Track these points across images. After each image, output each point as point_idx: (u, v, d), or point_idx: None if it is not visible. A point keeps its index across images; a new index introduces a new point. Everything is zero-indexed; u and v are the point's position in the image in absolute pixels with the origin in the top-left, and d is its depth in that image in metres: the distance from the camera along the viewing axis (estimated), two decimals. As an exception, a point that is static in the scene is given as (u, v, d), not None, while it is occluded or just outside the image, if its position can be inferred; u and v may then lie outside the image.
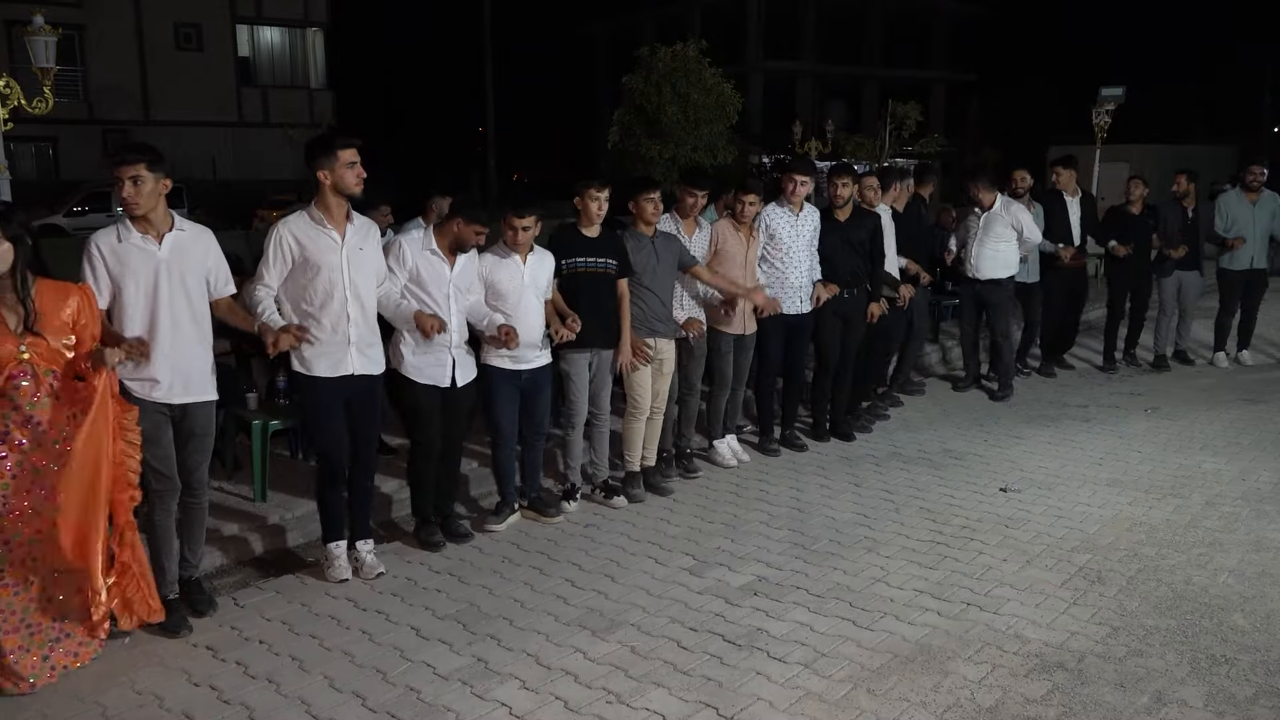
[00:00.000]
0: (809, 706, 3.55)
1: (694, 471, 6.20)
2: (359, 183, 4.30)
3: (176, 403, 4.05)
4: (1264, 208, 8.99)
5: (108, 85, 29.89)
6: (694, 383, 6.23)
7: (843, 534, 5.21)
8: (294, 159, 28.66)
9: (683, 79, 13.61)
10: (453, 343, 4.88)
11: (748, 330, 6.32)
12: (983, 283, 7.99)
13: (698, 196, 6.04)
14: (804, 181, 6.35)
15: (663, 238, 5.73)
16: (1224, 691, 3.63)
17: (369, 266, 4.52)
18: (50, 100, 6.46)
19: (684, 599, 4.44)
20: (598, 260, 5.41)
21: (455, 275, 4.85)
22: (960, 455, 6.61)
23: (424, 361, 4.86)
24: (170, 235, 3.98)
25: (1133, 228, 8.79)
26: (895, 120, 20.61)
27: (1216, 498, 5.71)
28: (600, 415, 5.65)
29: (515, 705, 3.57)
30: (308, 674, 3.79)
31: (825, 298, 6.51)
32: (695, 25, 33.49)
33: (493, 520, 5.29)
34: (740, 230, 6.18)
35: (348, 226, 4.40)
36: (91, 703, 3.58)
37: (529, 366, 5.21)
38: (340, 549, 4.67)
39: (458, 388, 4.95)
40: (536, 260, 5.16)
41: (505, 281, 5.06)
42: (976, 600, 4.40)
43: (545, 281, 5.22)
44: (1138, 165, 15.44)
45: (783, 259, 6.41)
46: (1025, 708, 3.53)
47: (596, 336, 5.41)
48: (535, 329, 5.13)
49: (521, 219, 4.99)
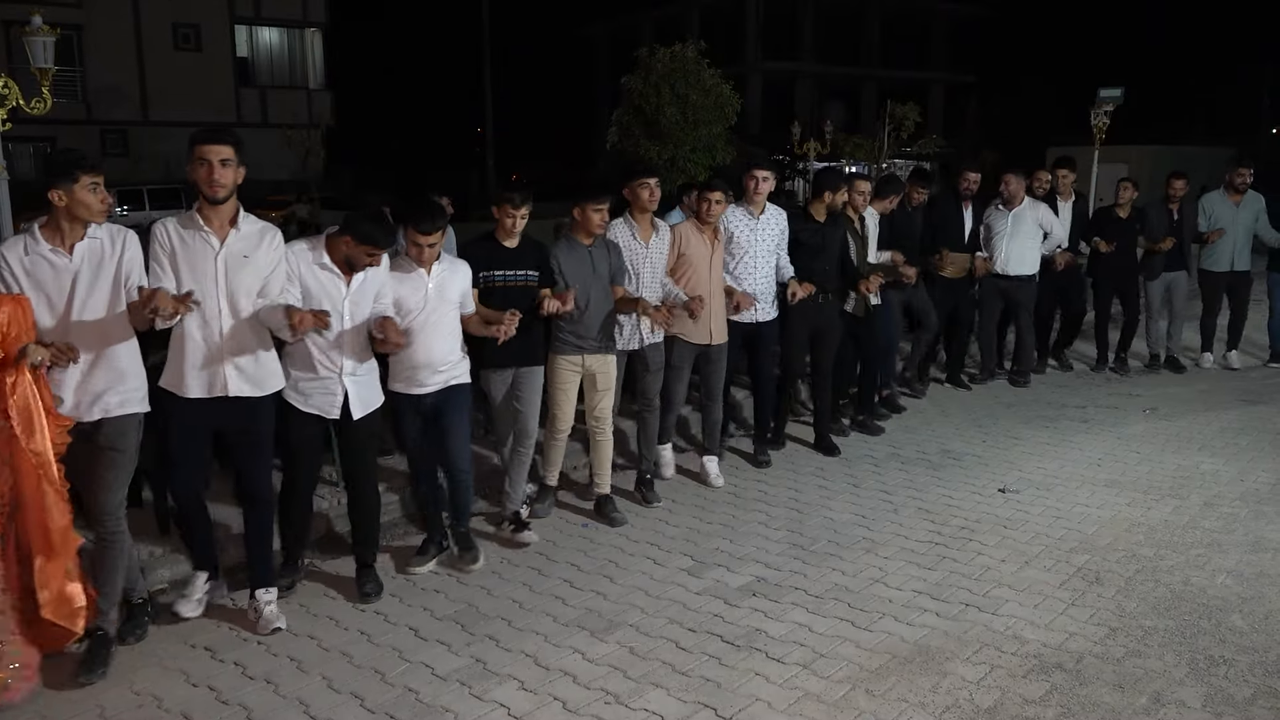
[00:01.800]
0: (807, 707, 3.55)
1: (654, 501, 5.70)
2: (105, 209, 3.71)
3: (87, 420, 3.74)
4: (1247, 208, 8.88)
5: (106, 85, 29.87)
6: (652, 398, 5.77)
7: (841, 535, 5.21)
8: (293, 160, 28.72)
9: (682, 80, 13.59)
10: (344, 369, 4.25)
11: (714, 340, 5.86)
12: (1010, 279, 8.14)
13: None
14: (765, 178, 6.03)
15: (601, 248, 5.29)
16: (1222, 692, 3.64)
17: (254, 276, 3.98)
18: (49, 100, 6.44)
19: (682, 600, 4.44)
20: (517, 273, 4.99)
21: (352, 293, 4.24)
22: (958, 456, 6.61)
23: (311, 387, 4.25)
24: (82, 244, 3.68)
25: (1118, 230, 8.72)
26: (894, 121, 20.60)
27: (1215, 498, 5.72)
28: (526, 438, 5.16)
29: (514, 706, 3.57)
30: (306, 674, 3.79)
31: (801, 295, 6.05)
32: (694, 26, 33.51)
33: (416, 561, 4.79)
34: (704, 232, 5.77)
35: (231, 231, 3.93)
36: (90, 703, 3.58)
37: (429, 390, 4.62)
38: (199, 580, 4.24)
39: (353, 421, 4.32)
40: (444, 271, 4.64)
41: (409, 297, 4.54)
42: (975, 601, 4.40)
43: (458, 294, 4.69)
44: (1136, 166, 15.47)
45: (738, 263, 6.02)
46: (1024, 708, 3.53)
47: (518, 353, 4.94)
48: (441, 349, 4.61)
49: (426, 235, 4.45)
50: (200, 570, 4.30)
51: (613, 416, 5.60)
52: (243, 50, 33.76)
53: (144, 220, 24.30)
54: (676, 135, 13.74)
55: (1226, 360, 9.24)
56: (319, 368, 4.22)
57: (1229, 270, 8.98)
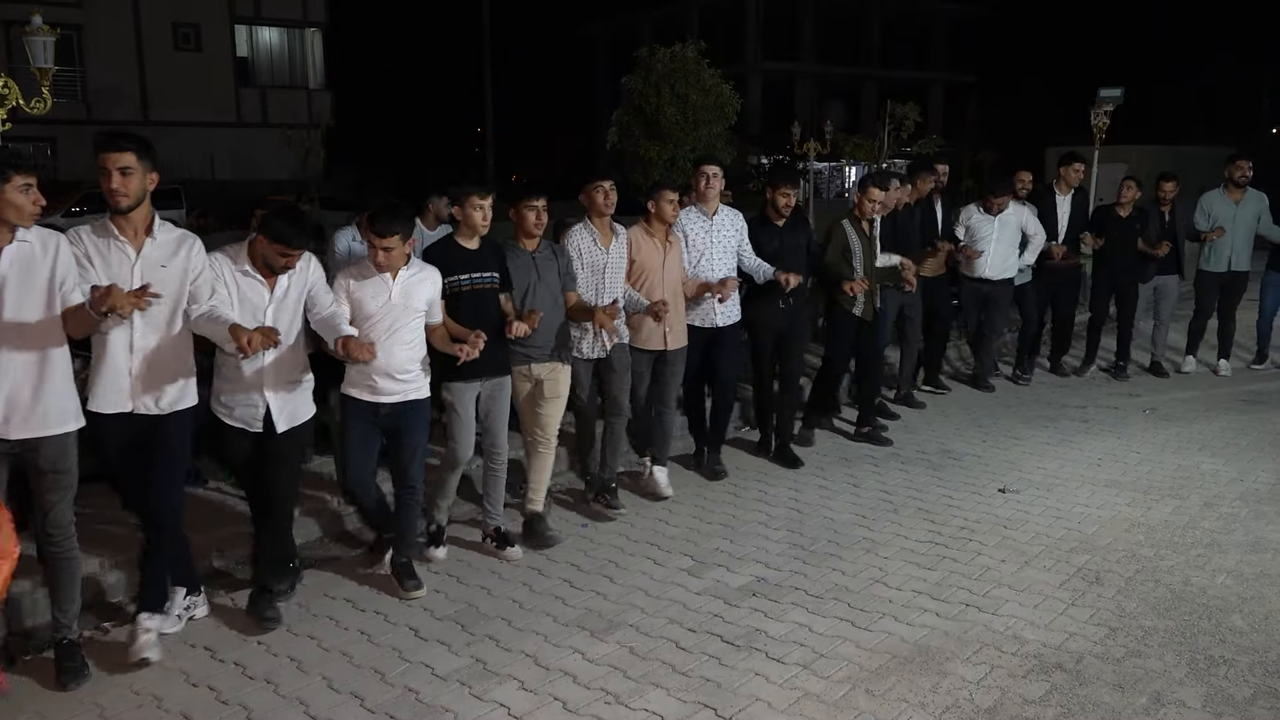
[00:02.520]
0: (807, 707, 3.55)
1: (617, 507, 5.50)
2: (35, 212, 3.46)
3: (15, 438, 3.52)
4: (1248, 207, 8.59)
5: (106, 85, 29.87)
6: (620, 401, 5.54)
7: (841, 535, 5.21)
8: (293, 160, 28.71)
9: (682, 80, 13.63)
10: (266, 380, 4.03)
11: (670, 346, 5.67)
12: (993, 283, 8.10)
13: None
14: (715, 175, 5.85)
15: (546, 252, 5.06)
16: (1222, 692, 3.64)
17: (172, 287, 3.76)
18: (48, 100, 6.44)
19: (682, 600, 4.44)
20: (481, 275, 4.73)
21: (276, 300, 4.03)
22: (958, 456, 6.61)
23: (234, 400, 4.06)
24: (11, 248, 3.47)
25: (1117, 229, 8.56)
26: (894, 121, 20.61)
27: (1215, 498, 5.71)
28: (497, 453, 4.94)
29: (514, 706, 3.57)
30: (306, 674, 3.79)
31: (795, 283, 5.87)
32: (694, 26, 33.58)
33: (410, 586, 4.50)
34: (654, 236, 5.56)
35: (147, 240, 3.73)
36: (90, 703, 3.58)
37: (390, 400, 4.40)
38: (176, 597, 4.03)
39: (277, 434, 4.09)
40: (412, 277, 4.41)
41: (370, 301, 4.33)
42: (975, 601, 4.40)
43: (423, 301, 4.46)
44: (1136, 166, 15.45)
45: (696, 265, 5.83)
46: (1024, 708, 3.53)
47: (486, 364, 4.63)
48: (401, 356, 4.38)
49: (381, 238, 4.24)
50: (177, 586, 4.10)
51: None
52: (243, 50, 33.78)
53: (144, 220, 24.49)
54: (676, 135, 13.77)
55: (1217, 368, 8.95)
56: (240, 379, 4.01)
57: (1227, 271, 8.76)
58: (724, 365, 6.09)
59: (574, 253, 5.29)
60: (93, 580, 4.31)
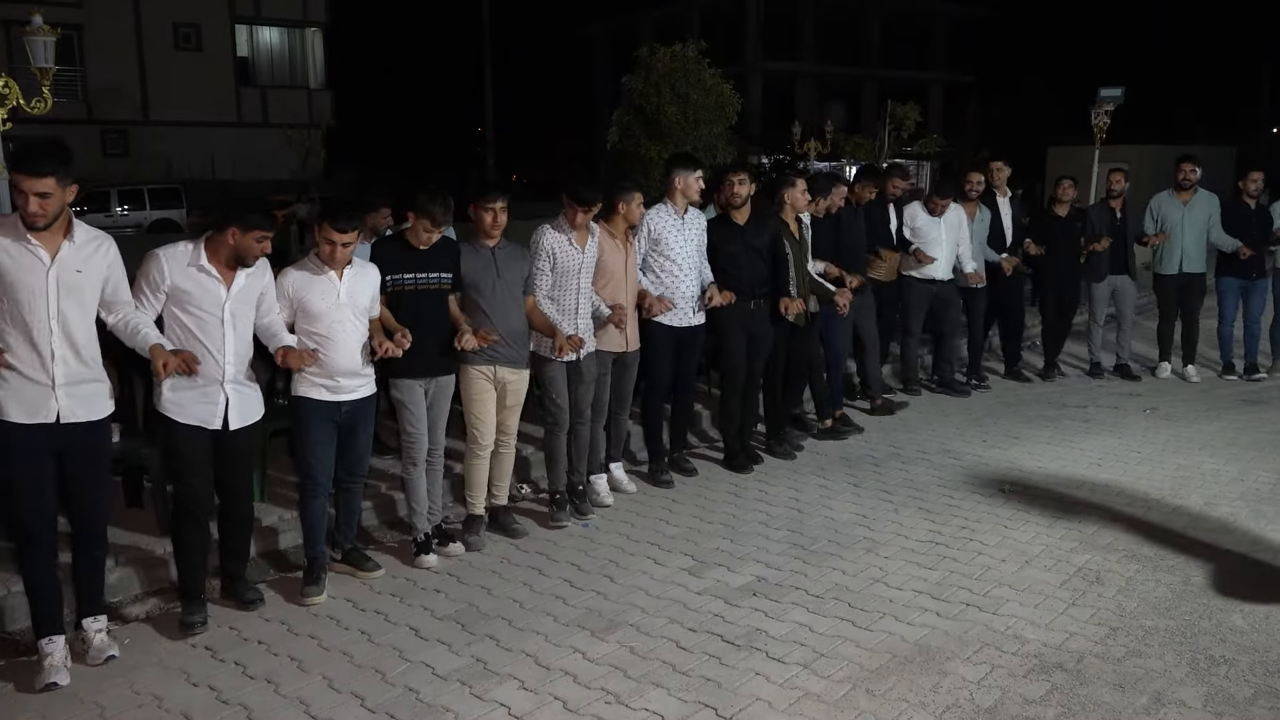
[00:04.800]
0: (808, 707, 3.55)
1: (586, 513, 5.45)
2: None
3: None
4: (1197, 209, 8.46)
5: (106, 85, 29.90)
6: (583, 410, 5.46)
7: (841, 534, 5.21)
8: (293, 160, 28.73)
9: (682, 79, 13.60)
10: (226, 376, 4.04)
11: (629, 347, 5.62)
12: (942, 283, 8.07)
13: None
14: (697, 176, 5.78)
15: (506, 252, 4.96)
16: (1223, 692, 3.64)
17: (88, 292, 3.65)
18: (49, 100, 6.44)
19: (683, 599, 4.44)
20: (429, 275, 4.72)
21: (233, 297, 4.03)
22: (959, 455, 6.61)
23: (187, 397, 4.01)
24: None
25: (1058, 231, 8.45)
26: (894, 121, 20.62)
27: (1215, 498, 5.71)
28: (436, 450, 4.93)
29: (514, 706, 3.57)
30: (306, 674, 3.79)
31: (721, 302, 5.78)
32: (694, 26, 33.57)
33: (311, 591, 4.42)
34: (616, 237, 5.46)
35: (64, 244, 3.57)
36: (90, 703, 3.58)
37: (350, 397, 4.45)
38: (54, 645, 3.72)
39: (230, 431, 4.10)
40: (356, 275, 4.43)
41: (317, 301, 4.32)
42: (975, 600, 4.41)
43: (368, 299, 4.50)
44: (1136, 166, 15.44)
45: (672, 267, 5.74)
46: (1024, 708, 3.53)
47: (433, 362, 4.72)
48: (355, 354, 4.42)
49: (342, 233, 4.25)
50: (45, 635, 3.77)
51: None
52: (243, 50, 33.82)
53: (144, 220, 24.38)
54: (677, 135, 13.76)
55: (1184, 374, 8.77)
56: (199, 375, 3.92)
57: (1179, 273, 8.56)
58: (687, 368, 6.04)
59: (545, 256, 5.16)
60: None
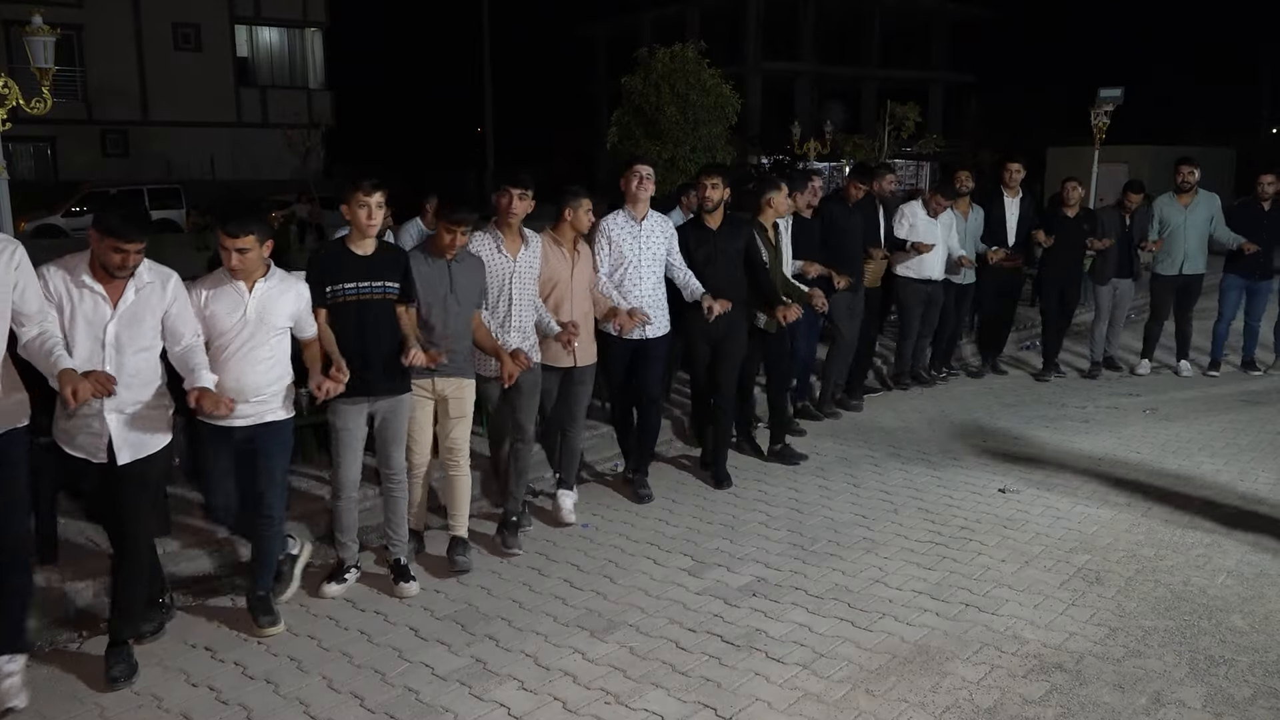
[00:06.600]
0: (807, 707, 3.55)
1: (512, 546, 4.99)
2: None
3: None
4: (1198, 210, 8.59)
5: (106, 85, 29.93)
6: (525, 426, 5.07)
7: (841, 535, 5.21)
8: (293, 160, 28.73)
9: (681, 80, 13.59)
10: (106, 406, 3.54)
11: (579, 362, 5.31)
12: (936, 283, 8.16)
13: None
14: (648, 175, 5.46)
15: (465, 263, 4.65)
16: (1222, 692, 3.64)
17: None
18: (49, 100, 6.43)
19: (682, 600, 4.44)
20: (373, 284, 4.26)
21: (118, 316, 3.56)
22: (959, 456, 6.61)
23: (73, 426, 3.62)
24: None
25: (1064, 230, 8.51)
26: (894, 121, 20.62)
27: (1215, 499, 5.71)
28: (395, 476, 4.54)
29: (514, 706, 3.57)
30: (306, 674, 3.80)
31: (720, 311, 5.50)
32: (694, 26, 33.57)
33: (265, 621, 4.11)
34: (562, 245, 5.16)
35: None
36: (90, 703, 3.59)
37: (243, 423, 3.97)
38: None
39: (118, 467, 3.63)
40: (271, 289, 3.98)
41: (224, 316, 3.89)
42: (975, 601, 4.41)
43: (287, 318, 4.04)
44: (1136, 166, 15.46)
45: (624, 274, 5.43)
46: (1024, 708, 3.53)
47: (377, 381, 4.29)
48: (254, 379, 3.95)
49: (235, 239, 3.81)
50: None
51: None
52: (243, 50, 33.86)
53: (144, 220, 24.51)
54: (676, 135, 13.75)
55: (1178, 369, 8.94)
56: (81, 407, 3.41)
57: (1179, 275, 8.70)
58: (649, 380, 5.68)
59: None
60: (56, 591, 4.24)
